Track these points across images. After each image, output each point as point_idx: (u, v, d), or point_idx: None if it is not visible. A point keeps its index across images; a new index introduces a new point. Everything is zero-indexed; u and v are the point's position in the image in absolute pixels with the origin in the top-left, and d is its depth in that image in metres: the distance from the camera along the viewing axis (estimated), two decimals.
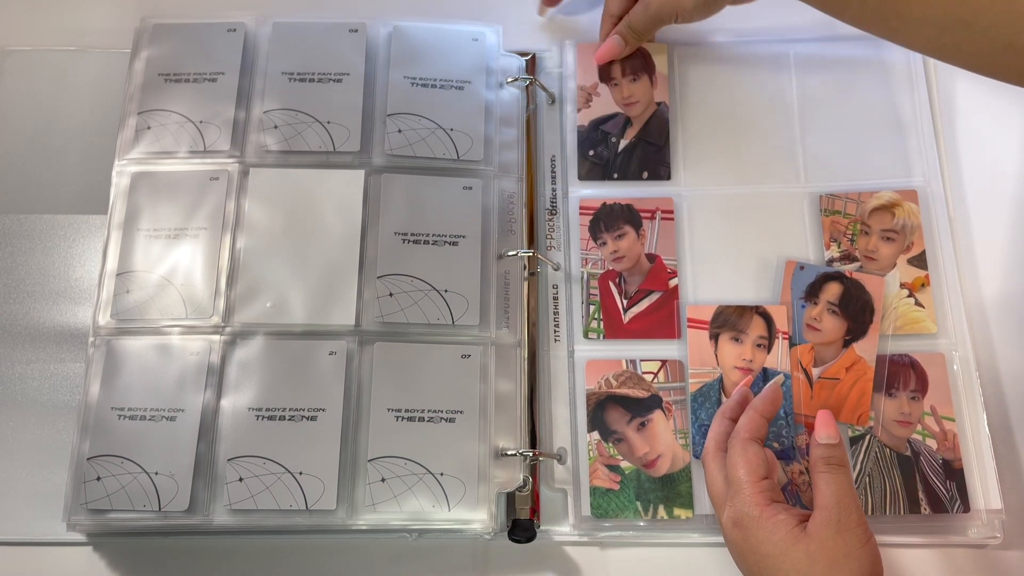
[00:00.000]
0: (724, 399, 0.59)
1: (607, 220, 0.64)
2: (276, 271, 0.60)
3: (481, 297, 0.60)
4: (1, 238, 0.65)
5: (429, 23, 0.67)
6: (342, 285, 0.60)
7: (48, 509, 0.57)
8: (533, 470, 0.58)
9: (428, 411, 0.57)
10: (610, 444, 0.59)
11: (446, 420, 0.57)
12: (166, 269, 0.60)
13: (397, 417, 0.57)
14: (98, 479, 0.55)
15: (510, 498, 0.57)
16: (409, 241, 0.61)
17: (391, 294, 0.59)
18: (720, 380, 0.59)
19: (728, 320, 0.61)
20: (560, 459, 0.59)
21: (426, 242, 0.61)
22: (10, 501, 0.59)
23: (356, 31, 0.66)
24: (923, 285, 0.61)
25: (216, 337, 0.59)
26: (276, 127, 0.63)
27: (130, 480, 0.55)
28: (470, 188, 0.62)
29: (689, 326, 0.61)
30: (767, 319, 0.60)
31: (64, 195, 0.66)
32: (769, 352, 0.60)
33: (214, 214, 0.61)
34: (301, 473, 0.55)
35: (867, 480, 0.57)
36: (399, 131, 0.63)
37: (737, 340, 0.60)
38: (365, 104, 0.64)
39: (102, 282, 0.60)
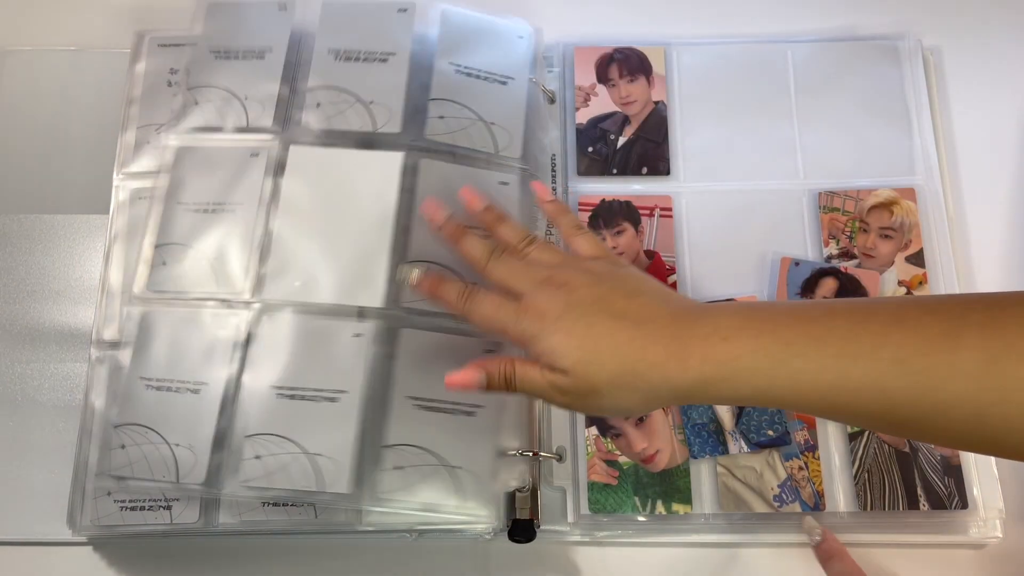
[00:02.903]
0: None
1: (606, 217, 0.64)
2: (308, 249, 0.59)
3: None
4: (1, 238, 0.65)
5: (476, 11, 0.66)
6: (372, 266, 0.59)
7: (48, 509, 0.58)
8: (533, 470, 0.58)
9: (449, 402, 0.57)
10: (608, 439, 0.59)
11: (465, 413, 0.57)
12: (201, 242, 0.60)
13: (417, 405, 0.57)
14: (123, 447, 0.55)
15: (510, 498, 0.57)
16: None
17: None
18: None
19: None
20: (560, 458, 0.59)
21: None
22: (10, 501, 0.59)
23: (405, 11, 0.66)
24: (921, 283, 0.61)
25: (244, 312, 0.58)
26: (319, 105, 0.63)
27: (152, 450, 0.55)
28: (506, 184, 0.62)
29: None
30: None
31: (65, 195, 0.66)
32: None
33: (252, 190, 0.61)
34: (319, 455, 0.55)
35: (866, 477, 0.57)
36: (441, 117, 0.62)
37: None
38: (409, 86, 0.63)
39: (141, 251, 0.59)
